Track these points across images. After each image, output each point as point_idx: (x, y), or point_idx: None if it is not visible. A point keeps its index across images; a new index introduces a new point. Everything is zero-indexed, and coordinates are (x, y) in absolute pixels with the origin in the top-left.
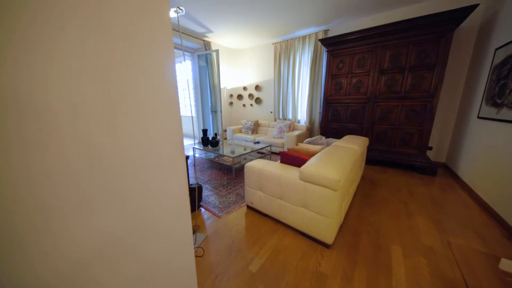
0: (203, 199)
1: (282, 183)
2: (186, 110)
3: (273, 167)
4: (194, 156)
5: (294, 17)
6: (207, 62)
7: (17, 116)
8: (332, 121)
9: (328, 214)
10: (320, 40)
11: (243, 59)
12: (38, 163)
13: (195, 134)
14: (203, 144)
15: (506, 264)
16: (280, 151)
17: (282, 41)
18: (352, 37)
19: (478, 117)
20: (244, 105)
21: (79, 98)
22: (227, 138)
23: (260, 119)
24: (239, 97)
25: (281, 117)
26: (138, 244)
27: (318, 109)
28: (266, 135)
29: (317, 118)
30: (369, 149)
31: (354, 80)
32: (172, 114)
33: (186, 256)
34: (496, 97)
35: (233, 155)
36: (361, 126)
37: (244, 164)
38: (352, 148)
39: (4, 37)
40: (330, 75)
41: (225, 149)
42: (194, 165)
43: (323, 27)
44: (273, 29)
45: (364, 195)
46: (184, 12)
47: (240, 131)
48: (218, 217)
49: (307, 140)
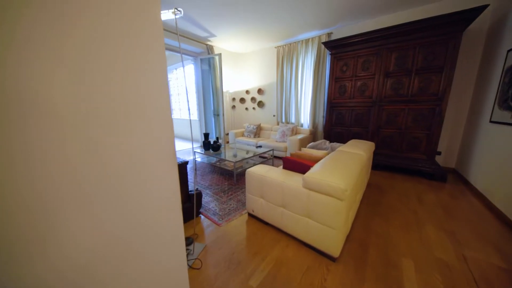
0: (203, 205)
1: (284, 191)
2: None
3: (275, 174)
4: (195, 160)
5: (297, 20)
6: (209, 66)
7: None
8: (336, 125)
9: (334, 225)
10: (323, 43)
11: (245, 63)
12: (39, 164)
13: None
14: (204, 148)
15: None
16: (282, 157)
17: (285, 45)
18: (356, 39)
19: (491, 121)
20: (246, 108)
21: (70, 103)
22: (229, 142)
23: (262, 122)
24: (242, 100)
25: (283, 120)
26: (122, 262)
27: (321, 112)
28: (268, 138)
29: (320, 121)
30: (375, 153)
31: (359, 83)
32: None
33: (178, 275)
34: (510, 101)
35: (234, 160)
36: (366, 130)
37: (246, 169)
38: (358, 153)
39: (6, 40)
40: (333, 78)
41: (227, 153)
42: (195, 169)
43: (326, 30)
44: (276, 33)
45: (371, 203)
46: (182, 13)
47: (243, 135)
48: (218, 225)
49: (310, 144)
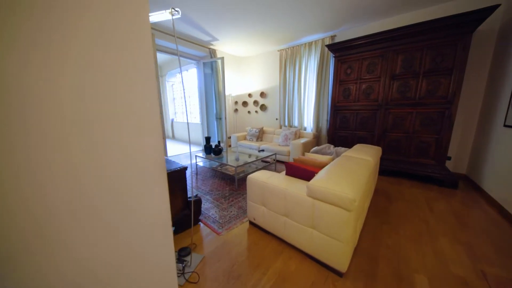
0: (202, 212)
1: (287, 199)
2: (193, 117)
3: (278, 180)
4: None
5: (300, 23)
6: (212, 69)
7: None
8: (340, 129)
9: (341, 237)
10: (327, 45)
11: (248, 66)
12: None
13: (197, 141)
14: (205, 152)
15: None
16: (285, 162)
17: (288, 48)
18: (361, 42)
19: (505, 125)
20: (249, 112)
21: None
22: (232, 146)
23: (265, 126)
24: (244, 104)
25: (286, 124)
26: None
27: (325, 116)
28: (271, 142)
29: (324, 125)
30: (382, 158)
31: (364, 86)
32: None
33: None
34: None
35: (236, 165)
36: (372, 134)
37: (248, 174)
38: (365, 159)
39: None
40: (337, 81)
41: (228, 158)
42: (196, 174)
43: (330, 33)
44: (278, 36)
45: (379, 211)
46: (180, 14)
47: (245, 138)
48: (218, 234)
49: (314, 148)
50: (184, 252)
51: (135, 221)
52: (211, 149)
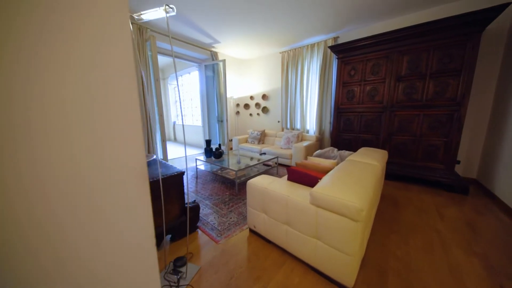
0: (201, 218)
1: (289, 206)
2: (195, 120)
3: (279, 186)
4: (196, 168)
5: (302, 25)
6: (214, 72)
7: None
8: (344, 131)
9: (348, 250)
10: (330, 47)
11: (250, 69)
12: None
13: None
14: (206, 155)
15: None
16: (287, 167)
17: (290, 50)
18: (365, 42)
19: None
20: (251, 114)
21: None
22: (233, 148)
23: (267, 128)
24: (246, 106)
25: (288, 126)
26: None
27: (328, 118)
28: (273, 145)
29: (327, 128)
30: (388, 162)
31: (368, 87)
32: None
33: None
34: None
35: (236, 169)
36: (377, 137)
37: (249, 177)
38: (371, 164)
39: None
40: (341, 83)
41: (229, 161)
42: (196, 177)
43: (333, 34)
44: (280, 38)
45: (386, 219)
46: (175, 11)
47: (246, 141)
48: (216, 242)
49: (317, 152)
50: (180, 262)
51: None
52: (212, 152)
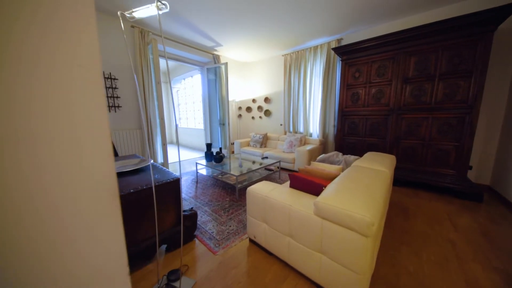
0: (198, 226)
1: (291, 217)
2: (196, 123)
3: (281, 194)
4: (197, 173)
5: (305, 27)
6: (216, 75)
7: None
8: (348, 135)
9: (357, 268)
10: (333, 49)
11: (252, 72)
12: None
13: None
14: (206, 159)
15: None
16: (289, 174)
17: (292, 52)
18: (370, 44)
19: None
20: (253, 117)
21: None
22: (235, 152)
23: (269, 132)
24: (248, 109)
25: (291, 130)
26: None
27: (332, 121)
28: (275, 149)
29: (331, 131)
30: (395, 167)
31: (374, 90)
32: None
33: None
34: None
35: (237, 173)
36: (383, 141)
37: (250, 182)
38: (380, 170)
39: None
40: (345, 85)
41: (230, 165)
42: (196, 182)
43: (336, 36)
44: (283, 41)
45: (396, 228)
46: (168, 8)
47: (248, 145)
48: (214, 253)
49: (321, 156)
50: (174, 276)
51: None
52: (212, 156)
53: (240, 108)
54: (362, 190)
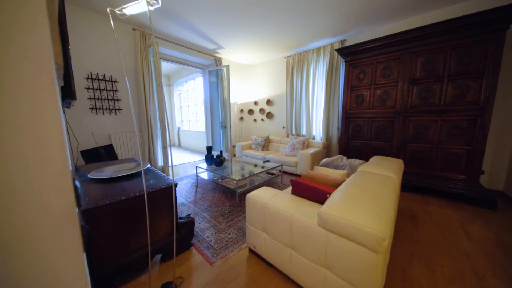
0: (196, 234)
1: (293, 227)
2: (198, 126)
3: (282, 202)
4: (197, 177)
5: (308, 28)
6: (217, 77)
7: None
8: (353, 138)
9: (365, 286)
10: (336, 50)
11: (254, 74)
12: None
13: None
14: (206, 163)
15: None
16: (291, 180)
17: (295, 54)
18: (374, 44)
19: None
20: (255, 120)
21: None
22: (236, 155)
23: (271, 134)
24: (250, 112)
25: (294, 132)
26: None
27: (335, 124)
28: (277, 152)
29: (334, 134)
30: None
31: (379, 91)
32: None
33: None
34: None
35: (237, 178)
36: (389, 144)
37: (251, 187)
38: (388, 176)
39: None
40: (349, 87)
41: (230, 169)
42: (196, 186)
43: (340, 38)
44: (285, 43)
45: (405, 238)
46: (160, 3)
47: (250, 147)
48: (211, 264)
49: (324, 160)
50: None
51: None
52: (213, 160)
53: (242, 110)
54: (371, 199)
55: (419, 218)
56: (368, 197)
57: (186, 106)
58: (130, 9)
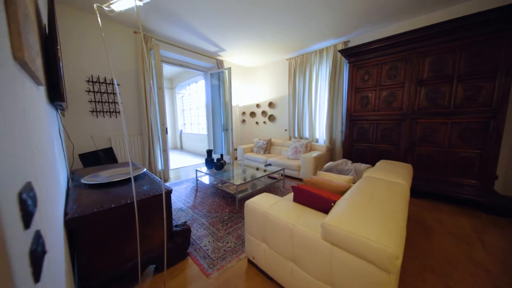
0: (193, 242)
1: (295, 239)
2: (200, 129)
3: (283, 210)
4: (197, 180)
5: (310, 30)
6: (219, 80)
7: None
8: (358, 141)
9: None
10: (340, 51)
11: (256, 76)
12: None
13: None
14: (207, 167)
15: None
16: (293, 187)
17: (297, 56)
18: (379, 45)
19: None
20: (257, 122)
21: None
22: (238, 158)
23: (273, 137)
24: (252, 114)
25: (296, 135)
26: None
27: (339, 126)
28: (279, 155)
29: (338, 137)
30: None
31: (384, 93)
32: None
33: None
34: None
35: (237, 182)
36: (396, 147)
37: (252, 192)
38: (397, 183)
39: None
40: (353, 88)
41: (230, 173)
42: (196, 190)
43: (343, 39)
44: (287, 45)
45: (416, 249)
46: None
47: (252, 151)
48: (207, 276)
49: (328, 164)
50: None
51: None
52: (213, 163)
53: (244, 113)
54: (380, 210)
55: (430, 227)
56: (377, 207)
57: (189, 109)
58: (118, 5)
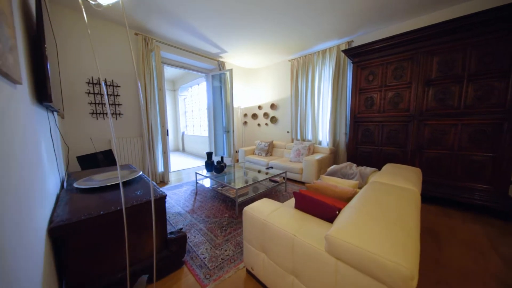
0: (190, 249)
1: (296, 251)
2: (202, 130)
3: (283, 218)
4: (196, 183)
5: (313, 30)
6: (221, 82)
7: None
8: (362, 144)
9: None
10: (343, 51)
11: (258, 78)
12: None
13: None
14: (207, 169)
15: None
16: (294, 192)
17: (299, 57)
18: (384, 44)
19: None
20: (258, 124)
21: None
22: (239, 161)
23: (275, 139)
24: (254, 116)
25: (299, 137)
26: None
27: (343, 129)
28: (281, 157)
29: (342, 139)
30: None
31: (390, 94)
32: None
33: None
34: None
35: (237, 186)
36: (403, 150)
37: (252, 197)
38: (407, 189)
39: None
40: (357, 89)
41: (231, 176)
42: (195, 194)
43: (346, 39)
44: (290, 46)
45: (427, 260)
46: None
47: (253, 153)
48: (203, 287)
49: (332, 168)
50: None
51: None
52: (213, 166)
53: (245, 115)
54: (390, 220)
55: (441, 235)
56: (386, 216)
57: (191, 111)
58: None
